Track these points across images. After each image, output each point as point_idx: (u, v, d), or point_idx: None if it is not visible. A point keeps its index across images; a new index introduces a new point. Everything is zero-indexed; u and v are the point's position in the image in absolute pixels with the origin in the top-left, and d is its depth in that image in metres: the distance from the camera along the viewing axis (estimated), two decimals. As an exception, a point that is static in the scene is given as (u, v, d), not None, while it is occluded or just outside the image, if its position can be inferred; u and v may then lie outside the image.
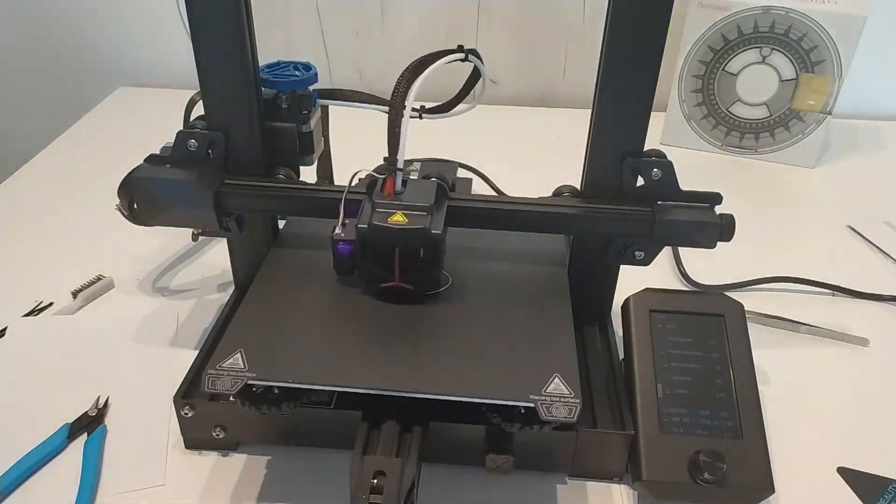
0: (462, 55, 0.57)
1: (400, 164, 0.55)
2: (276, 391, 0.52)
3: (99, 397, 0.62)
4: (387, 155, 0.55)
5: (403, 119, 0.54)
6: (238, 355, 0.51)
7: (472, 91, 0.63)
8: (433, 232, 0.54)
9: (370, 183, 0.57)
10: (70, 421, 0.60)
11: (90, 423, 0.60)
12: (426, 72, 0.54)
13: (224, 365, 0.51)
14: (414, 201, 0.55)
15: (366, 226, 0.54)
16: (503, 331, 0.56)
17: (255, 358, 0.51)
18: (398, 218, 0.54)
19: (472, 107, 0.62)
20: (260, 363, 0.51)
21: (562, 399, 0.49)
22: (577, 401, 0.49)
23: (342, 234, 0.57)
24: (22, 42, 1.20)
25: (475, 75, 0.61)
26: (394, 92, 0.54)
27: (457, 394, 0.50)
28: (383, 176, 0.56)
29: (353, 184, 0.58)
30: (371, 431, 0.51)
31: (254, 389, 0.52)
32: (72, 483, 0.56)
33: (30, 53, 1.22)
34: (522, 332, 0.56)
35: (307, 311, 0.57)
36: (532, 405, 0.49)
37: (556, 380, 0.50)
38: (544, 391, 0.50)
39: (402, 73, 0.55)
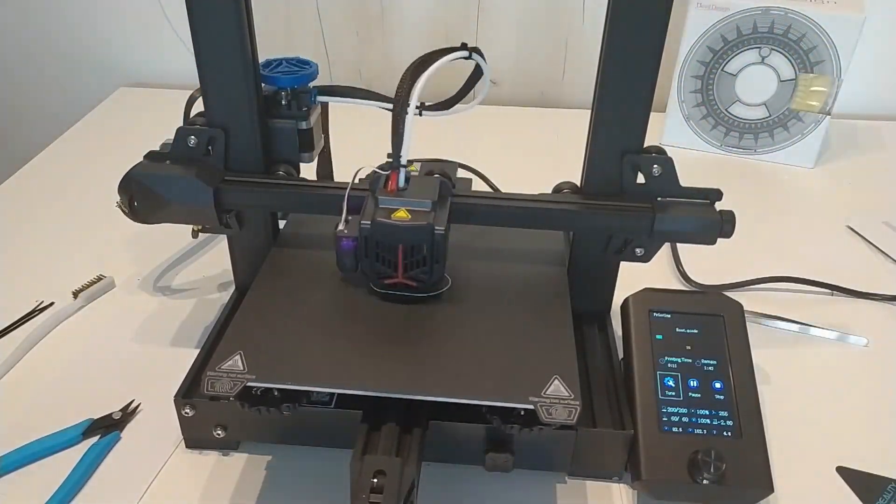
0: (466, 53, 0.57)
1: (403, 161, 0.55)
2: (276, 393, 0.52)
3: (131, 403, 0.63)
4: (389, 151, 0.55)
5: (407, 116, 0.54)
6: (237, 357, 0.51)
7: (474, 90, 0.63)
8: (437, 228, 0.54)
9: (373, 180, 0.57)
10: (94, 417, 0.61)
11: (109, 426, 0.60)
12: (430, 69, 0.54)
13: (223, 367, 0.50)
14: (417, 198, 0.55)
15: (369, 222, 0.54)
16: (503, 332, 0.56)
17: (255, 360, 0.51)
18: (401, 214, 0.54)
19: (473, 106, 0.62)
20: (259, 365, 0.51)
21: (561, 401, 0.49)
22: (577, 403, 0.49)
23: (345, 231, 0.56)
24: (22, 42, 1.20)
25: (477, 74, 0.61)
26: (398, 89, 0.54)
27: (456, 396, 0.50)
28: (386, 173, 0.56)
29: (355, 180, 0.58)
30: (371, 431, 0.51)
31: (253, 391, 0.52)
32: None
33: (30, 54, 1.22)
34: (522, 333, 0.56)
35: (307, 313, 0.57)
36: (532, 407, 0.49)
37: (556, 381, 0.50)
38: (544, 393, 0.50)
39: (406, 71, 0.55)
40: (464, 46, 0.57)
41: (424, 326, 0.56)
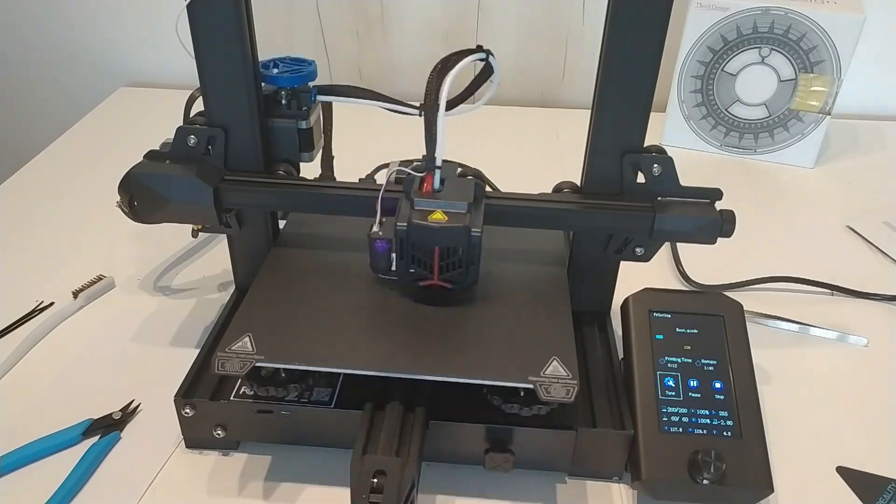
0: (483, 54, 0.57)
1: (438, 163, 0.56)
2: (283, 374, 0.54)
3: (131, 403, 0.63)
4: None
5: (439, 116, 0.54)
6: (247, 339, 0.53)
7: (477, 92, 0.63)
8: (473, 230, 0.54)
9: (406, 181, 0.57)
10: (94, 417, 0.61)
11: (109, 426, 0.60)
12: (455, 69, 0.54)
13: (233, 348, 0.52)
14: (453, 199, 0.55)
15: (405, 224, 0.54)
16: (503, 320, 0.57)
17: (263, 341, 0.53)
18: (438, 216, 0.54)
19: (478, 106, 0.62)
20: (268, 346, 0.52)
21: (560, 381, 0.51)
22: (575, 382, 0.50)
23: (379, 233, 0.56)
24: (22, 42, 1.21)
25: (483, 75, 0.61)
26: (426, 91, 0.54)
27: (458, 376, 0.51)
28: (421, 174, 0.56)
29: (379, 181, 0.57)
30: (371, 431, 0.52)
31: (261, 373, 0.54)
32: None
33: (30, 54, 1.22)
34: (522, 321, 0.57)
35: (311, 302, 0.58)
36: (531, 386, 0.50)
37: (555, 362, 0.52)
38: (543, 373, 0.51)
39: (431, 73, 0.55)
40: (479, 48, 0.57)
41: (427, 315, 0.57)
